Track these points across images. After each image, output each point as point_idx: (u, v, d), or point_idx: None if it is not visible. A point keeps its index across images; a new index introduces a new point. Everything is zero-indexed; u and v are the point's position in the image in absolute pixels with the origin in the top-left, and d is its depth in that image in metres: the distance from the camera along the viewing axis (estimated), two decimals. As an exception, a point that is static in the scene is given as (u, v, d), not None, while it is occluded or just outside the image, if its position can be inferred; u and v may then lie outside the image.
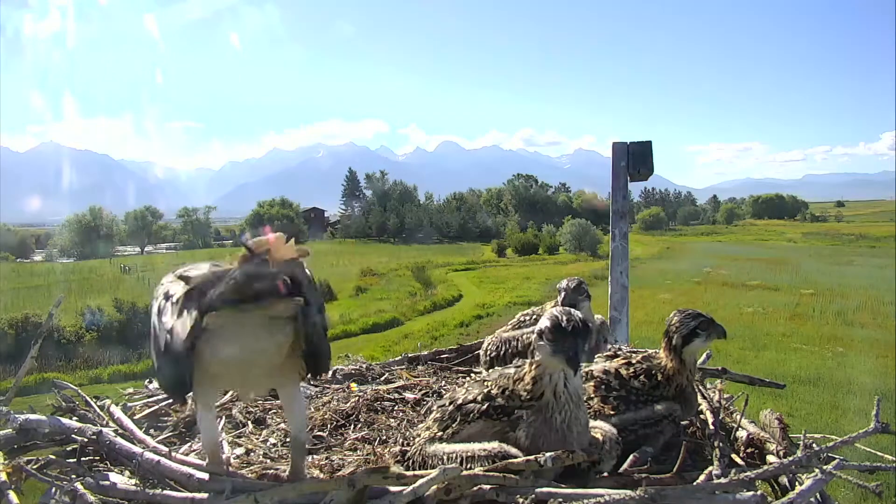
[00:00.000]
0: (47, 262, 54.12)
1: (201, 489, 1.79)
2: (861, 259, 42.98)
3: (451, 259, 48.78)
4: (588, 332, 1.83)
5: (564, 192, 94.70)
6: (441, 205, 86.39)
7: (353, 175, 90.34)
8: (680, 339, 2.30)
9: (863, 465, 1.89)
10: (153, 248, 70.78)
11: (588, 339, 1.83)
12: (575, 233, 55.32)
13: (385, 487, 1.63)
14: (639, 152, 4.18)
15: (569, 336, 1.81)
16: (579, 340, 1.80)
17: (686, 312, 2.34)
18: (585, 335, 1.82)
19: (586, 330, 1.83)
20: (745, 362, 15.42)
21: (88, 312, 23.41)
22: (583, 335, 1.81)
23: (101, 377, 18.85)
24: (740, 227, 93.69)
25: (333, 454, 2.28)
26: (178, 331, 1.57)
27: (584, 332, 1.81)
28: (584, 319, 1.85)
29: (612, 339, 3.58)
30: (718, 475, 1.75)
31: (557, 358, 1.84)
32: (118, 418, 2.40)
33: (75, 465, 1.99)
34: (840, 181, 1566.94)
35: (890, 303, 24.00)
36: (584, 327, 1.83)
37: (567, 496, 1.63)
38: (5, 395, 2.33)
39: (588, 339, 1.83)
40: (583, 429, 1.91)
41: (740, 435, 2.33)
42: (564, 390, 1.87)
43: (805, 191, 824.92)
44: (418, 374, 3.39)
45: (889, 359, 16.43)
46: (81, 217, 61.29)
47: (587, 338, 1.82)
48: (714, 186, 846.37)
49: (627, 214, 4.33)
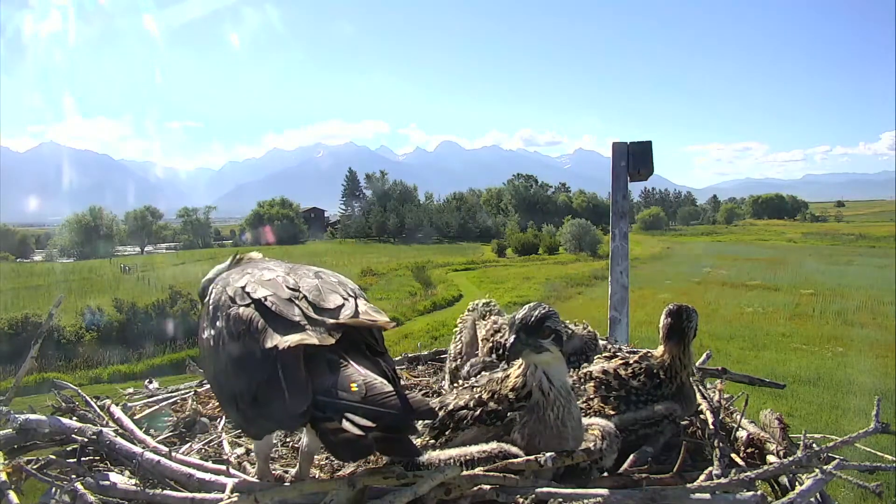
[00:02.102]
0: (47, 262, 54.16)
1: (201, 489, 1.79)
2: (861, 259, 42.99)
3: (451, 259, 48.80)
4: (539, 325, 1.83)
5: (564, 192, 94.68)
6: (441, 205, 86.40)
7: (353, 175, 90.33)
8: (693, 332, 2.37)
9: (863, 465, 1.89)
10: (153, 248, 70.82)
11: (537, 332, 1.83)
12: (575, 233, 55.36)
13: (385, 487, 1.63)
14: (639, 152, 4.19)
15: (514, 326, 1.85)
16: (521, 333, 1.82)
17: (691, 308, 2.40)
18: (533, 328, 1.83)
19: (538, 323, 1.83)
20: (745, 362, 15.42)
21: (88, 312, 23.43)
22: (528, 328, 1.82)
23: (101, 377, 18.87)
24: (740, 227, 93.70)
25: (333, 454, 2.27)
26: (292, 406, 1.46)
27: (531, 326, 1.82)
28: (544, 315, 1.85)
29: (612, 340, 3.57)
30: (718, 475, 1.75)
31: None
32: (118, 418, 2.40)
33: (75, 465, 1.99)
34: (840, 181, 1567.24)
35: (890, 303, 24.01)
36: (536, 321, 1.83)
37: (567, 496, 1.63)
38: (5, 395, 2.32)
39: (537, 332, 1.83)
40: (576, 423, 1.91)
41: (740, 435, 2.33)
42: (551, 386, 1.87)
43: (805, 191, 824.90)
44: (418, 374, 3.39)
45: (889, 359, 16.43)
46: (81, 217, 61.32)
47: (536, 331, 1.83)
48: (714, 186, 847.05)
49: (627, 214, 4.33)
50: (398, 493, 1.58)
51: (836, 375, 15.14)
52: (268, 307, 1.62)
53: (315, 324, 1.57)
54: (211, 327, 1.72)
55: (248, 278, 1.76)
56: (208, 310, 1.77)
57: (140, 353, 21.03)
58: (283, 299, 1.64)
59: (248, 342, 1.57)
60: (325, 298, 1.69)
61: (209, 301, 1.80)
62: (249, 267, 1.91)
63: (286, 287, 1.71)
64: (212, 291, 1.82)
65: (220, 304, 1.72)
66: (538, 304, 1.90)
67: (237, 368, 1.60)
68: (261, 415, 1.55)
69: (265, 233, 67.40)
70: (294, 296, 1.67)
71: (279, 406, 1.47)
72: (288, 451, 2.31)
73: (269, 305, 1.62)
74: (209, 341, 1.71)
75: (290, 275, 1.80)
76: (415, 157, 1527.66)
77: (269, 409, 1.51)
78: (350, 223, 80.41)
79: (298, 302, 1.64)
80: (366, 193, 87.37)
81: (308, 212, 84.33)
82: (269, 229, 67.98)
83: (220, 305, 1.72)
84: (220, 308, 1.71)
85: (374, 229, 76.49)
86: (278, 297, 1.65)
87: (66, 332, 21.52)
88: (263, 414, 1.54)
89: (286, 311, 1.60)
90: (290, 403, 1.45)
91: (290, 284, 1.73)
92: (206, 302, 1.84)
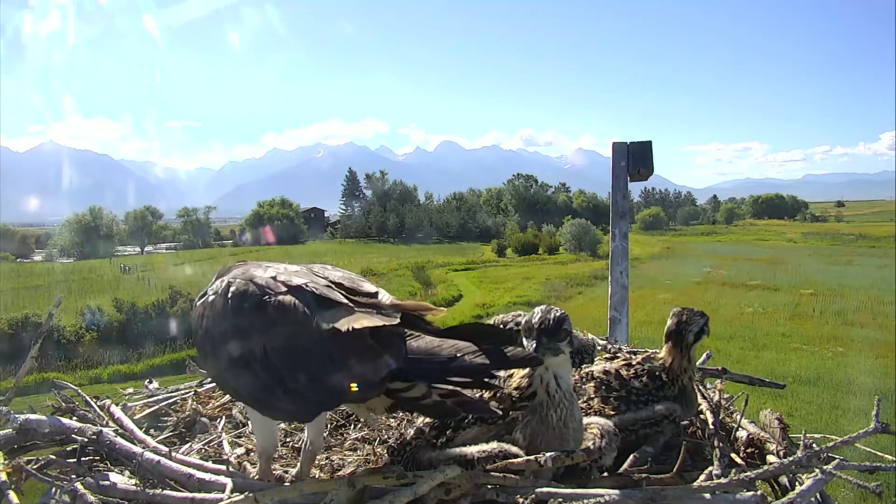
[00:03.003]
0: (47, 262, 54.14)
1: (201, 489, 1.79)
2: (861, 259, 42.98)
3: (451, 259, 48.81)
4: (557, 328, 1.83)
5: (564, 192, 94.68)
6: (441, 205, 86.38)
7: (353, 175, 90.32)
8: (692, 337, 2.34)
9: (863, 465, 1.89)
10: (153, 248, 70.82)
11: (555, 335, 1.83)
12: (575, 233, 55.36)
13: (385, 487, 1.63)
14: (639, 152, 4.18)
15: (533, 331, 1.83)
16: (542, 337, 1.81)
17: (694, 310, 2.39)
18: (552, 331, 1.82)
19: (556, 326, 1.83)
20: (745, 362, 15.42)
21: (88, 312, 23.44)
22: (548, 331, 1.82)
23: (101, 377, 18.87)
24: (740, 227, 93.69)
25: (333, 454, 2.26)
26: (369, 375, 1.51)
27: (550, 329, 1.82)
28: (561, 317, 1.85)
29: (612, 340, 3.57)
30: (718, 475, 1.75)
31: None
32: (118, 418, 2.40)
33: (75, 465, 1.99)
34: (840, 181, 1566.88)
35: (890, 303, 24.01)
36: (555, 323, 1.83)
37: (567, 496, 1.62)
38: (5, 395, 2.32)
39: (556, 334, 1.83)
40: (578, 425, 1.92)
41: (740, 435, 2.32)
42: (557, 388, 1.87)
43: (805, 191, 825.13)
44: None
45: (889, 359, 16.44)
46: (81, 217, 61.36)
47: (555, 333, 1.82)
48: (714, 186, 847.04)
49: (627, 214, 4.33)
50: (398, 493, 1.58)
51: (836, 375, 15.15)
52: (313, 291, 1.61)
53: (364, 307, 1.60)
54: (232, 319, 1.65)
55: (272, 271, 1.72)
56: (224, 303, 1.68)
57: (140, 353, 21.03)
58: (322, 286, 1.64)
59: (299, 327, 1.55)
60: (360, 285, 1.72)
61: (219, 296, 1.71)
62: (253, 266, 1.82)
63: (316, 276, 1.71)
64: (221, 285, 1.73)
65: (248, 293, 1.65)
66: (549, 307, 1.90)
67: (281, 356, 1.56)
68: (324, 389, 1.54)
69: (265, 233, 67.42)
70: (329, 283, 1.67)
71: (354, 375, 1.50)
72: (288, 451, 2.30)
73: (314, 289, 1.61)
74: (226, 336, 1.65)
75: (303, 268, 1.80)
76: (415, 157, 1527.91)
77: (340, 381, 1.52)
78: (350, 223, 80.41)
79: (336, 289, 1.65)
80: (366, 193, 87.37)
81: (308, 212, 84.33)
82: (269, 229, 68.00)
83: (247, 295, 1.65)
84: (248, 298, 1.64)
85: (374, 229, 76.50)
86: (316, 283, 1.64)
87: (66, 332, 21.52)
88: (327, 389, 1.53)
89: (332, 295, 1.61)
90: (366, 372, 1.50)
91: (318, 273, 1.73)
92: (210, 300, 1.75)
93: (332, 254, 54.34)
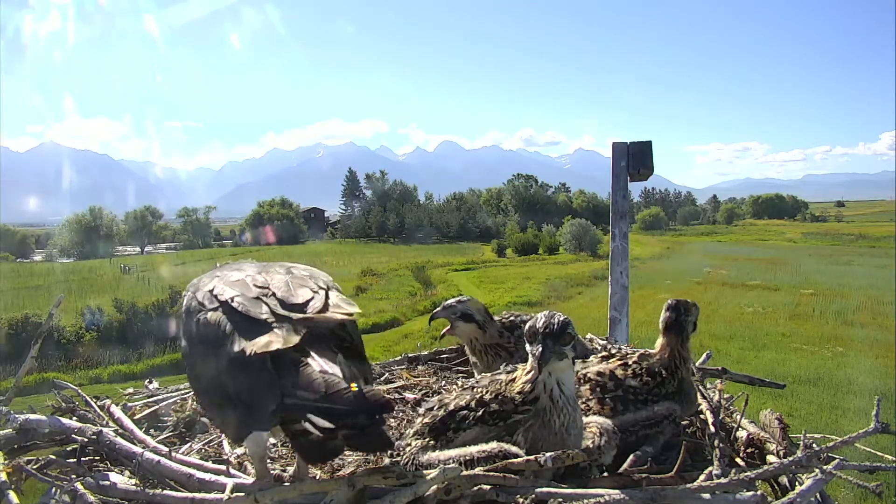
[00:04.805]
0: (47, 262, 54.16)
1: (201, 489, 1.79)
2: (861, 259, 42.98)
3: (451, 259, 48.78)
4: (562, 332, 1.83)
5: (564, 192, 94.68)
6: (441, 205, 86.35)
7: (353, 175, 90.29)
8: (691, 326, 2.40)
9: (863, 465, 1.89)
10: (153, 248, 70.83)
11: (560, 339, 1.83)
12: (575, 233, 55.35)
13: (385, 487, 1.62)
14: (639, 152, 4.17)
15: (538, 335, 1.83)
16: (548, 340, 1.81)
17: (691, 302, 2.45)
18: (557, 335, 1.82)
19: (561, 330, 1.83)
20: (745, 362, 15.41)
21: (88, 312, 23.43)
22: (553, 335, 1.82)
23: (101, 377, 18.84)
24: (740, 227, 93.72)
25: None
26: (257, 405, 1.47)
27: (555, 333, 1.82)
28: (565, 322, 1.85)
29: (612, 340, 3.57)
30: (718, 475, 1.75)
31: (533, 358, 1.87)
32: (118, 418, 2.40)
33: (75, 465, 1.99)
34: (840, 181, 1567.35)
35: (890, 303, 24.00)
36: (559, 327, 1.83)
37: (567, 496, 1.63)
38: (5, 395, 2.33)
39: (560, 338, 1.83)
40: (579, 431, 1.92)
41: (740, 435, 2.33)
42: (561, 393, 1.87)
43: (805, 191, 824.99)
44: (418, 374, 3.39)
45: (889, 359, 16.43)
46: (81, 217, 61.36)
47: (559, 338, 1.82)
48: (714, 186, 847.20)
49: (627, 214, 4.32)
50: (398, 493, 1.58)
51: (836, 375, 15.13)
52: (235, 308, 1.62)
53: (282, 320, 1.57)
54: (185, 334, 1.73)
55: (216, 281, 1.77)
56: (182, 316, 1.78)
57: (140, 353, 21.00)
58: (250, 298, 1.65)
59: (218, 347, 1.57)
60: (294, 293, 1.69)
61: (181, 307, 1.81)
62: (220, 270, 1.91)
63: (254, 286, 1.71)
64: (184, 297, 1.82)
65: (191, 309, 1.72)
66: (552, 312, 1.90)
67: (211, 373, 1.59)
68: (236, 417, 1.55)
69: (265, 233, 67.42)
70: (262, 293, 1.67)
71: (250, 408, 1.47)
72: (288, 451, 2.31)
73: (236, 306, 1.62)
74: (186, 348, 1.72)
75: (260, 273, 1.80)
76: (415, 157, 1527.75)
77: (242, 412, 1.51)
78: (350, 223, 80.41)
79: (267, 299, 1.65)
80: (366, 193, 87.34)
81: (308, 212, 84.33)
82: (269, 229, 68.00)
83: (191, 311, 1.72)
84: (191, 313, 1.70)
85: (374, 229, 76.50)
86: (245, 296, 1.65)
87: (66, 332, 21.50)
88: (238, 416, 1.54)
89: (254, 311, 1.60)
90: (259, 405, 1.45)
91: (258, 283, 1.73)
92: (180, 309, 1.86)
93: (331, 254, 54.36)
